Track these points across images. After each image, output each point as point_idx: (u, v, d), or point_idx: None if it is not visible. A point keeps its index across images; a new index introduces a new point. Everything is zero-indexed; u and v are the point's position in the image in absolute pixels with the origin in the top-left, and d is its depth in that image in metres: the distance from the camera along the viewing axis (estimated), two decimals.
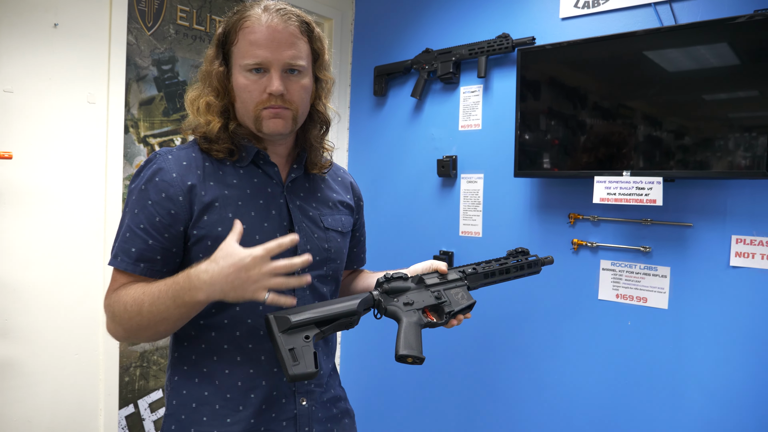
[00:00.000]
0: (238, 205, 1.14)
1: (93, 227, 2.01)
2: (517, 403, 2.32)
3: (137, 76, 2.19)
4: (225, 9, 2.47)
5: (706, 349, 1.90)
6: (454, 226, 2.52)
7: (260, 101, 1.13)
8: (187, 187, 1.11)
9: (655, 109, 1.90)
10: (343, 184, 1.38)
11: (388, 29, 2.77)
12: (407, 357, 1.11)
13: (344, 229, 1.31)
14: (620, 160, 1.95)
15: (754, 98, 1.72)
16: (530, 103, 2.15)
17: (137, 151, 2.21)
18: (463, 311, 1.24)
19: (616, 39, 1.96)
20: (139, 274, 1.10)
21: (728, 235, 1.87)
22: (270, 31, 1.11)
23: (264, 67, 1.12)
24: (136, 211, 1.11)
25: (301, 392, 1.20)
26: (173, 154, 1.15)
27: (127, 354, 2.22)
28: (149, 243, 1.09)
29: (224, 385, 1.15)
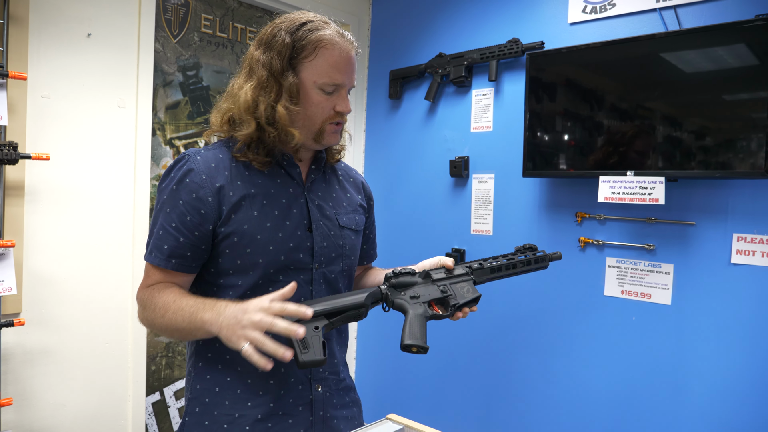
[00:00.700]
0: (263, 204, 1.22)
1: (123, 224, 2.14)
2: (527, 394, 2.39)
3: (164, 82, 2.31)
4: (246, 17, 2.58)
5: (707, 344, 1.96)
6: (466, 224, 2.60)
7: (329, 117, 1.23)
8: (216, 188, 1.19)
9: (659, 111, 1.96)
10: (355, 185, 1.46)
11: (403, 34, 2.87)
12: (412, 346, 1.18)
13: (357, 227, 1.39)
14: (624, 161, 2.01)
15: (752, 101, 1.78)
16: (538, 105, 2.22)
17: (163, 153, 2.34)
18: (468, 304, 1.29)
19: (622, 43, 2.03)
20: (171, 269, 1.18)
21: (730, 233, 1.92)
22: (348, 57, 1.23)
23: (338, 89, 1.23)
24: (168, 210, 1.18)
25: (317, 379, 1.29)
26: (202, 155, 1.22)
27: (154, 344, 2.35)
28: (180, 240, 1.17)
29: (245, 371, 1.23)
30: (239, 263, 1.20)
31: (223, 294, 1.22)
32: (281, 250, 1.22)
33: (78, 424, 2.05)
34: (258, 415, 1.22)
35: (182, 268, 1.19)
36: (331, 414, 1.32)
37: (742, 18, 1.84)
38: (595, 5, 2.20)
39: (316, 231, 1.27)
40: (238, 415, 1.22)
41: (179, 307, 1.12)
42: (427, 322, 1.23)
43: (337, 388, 1.34)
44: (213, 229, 1.19)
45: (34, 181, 1.90)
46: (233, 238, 1.19)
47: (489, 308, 2.48)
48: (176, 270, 1.19)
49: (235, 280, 1.21)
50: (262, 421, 1.22)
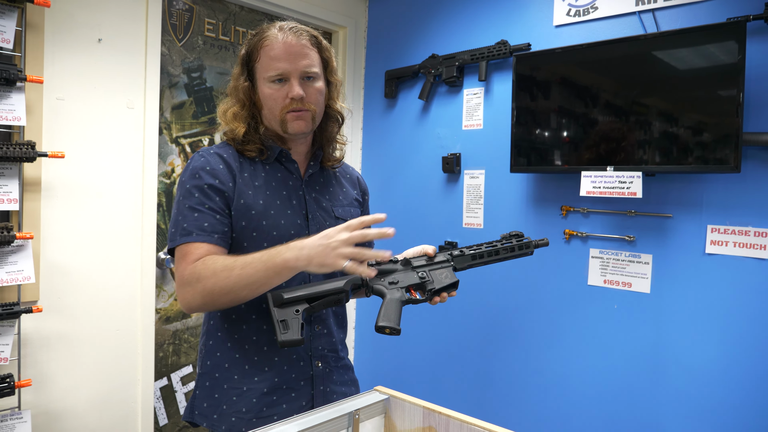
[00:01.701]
0: (267, 194, 1.35)
1: (132, 217, 2.26)
2: (516, 379, 2.51)
3: (170, 83, 2.44)
4: (248, 21, 2.71)
5: (684, 329, 2.08)
6: (458, 218, 2.72)
7: (284, 106, 1.34)
8: (231, 175, 1.33)
9: (634, 109, 2.07)
10: (351, 181, 1.58)
11: (398, 36, 2.98)
12: (385, 328, 1.25)
13: (352, 219, 1.51)
14: (604, 157, 2.13)
15: (720, 98, 1.88)
16: (524, 104, 2.34)
17: (170, 151, 2.46)
18: (446, 289, 1.33)
19: (602, 45, 2.14)
20: (214, 243, 1.27)
21: (704, 224, 2.04)
22: (286, 46, 1.32)
23: (284, 77, 1.33)
24: (197, 195, 1.29)
25: (317, 356, 1.41)
26: (214, 150, 1.36)
27: (162, 332, 2.48)
28: (217, 218, 1.28)
29: (252, 349, 1.35)
30: (246, 245, 1.31)
31: None
32: (283, 235, 1.33)
33: (91, 406, 2.18)
34: (264, 388, 1.34)
35: (223, 243, 1.29)
36: (331, 389, 1.43)
37: (715, 21, 1.96)
38: (579, 8, 2.31)
39: (313, 221, 1.40)
40: (246, 388, 1.34)
41: (245, 262, 1.19)
42: (405, 306, 1.30)
43: (336, 366, 1.45)
44: (230, 211, 1.32)
45: (50, 177, 2.02)
46: (242, 222, 1.31)
47: (481, 297, 2.60)
48: (219, 244, 1.28)
49: None
50: (267, 394, 1.34)
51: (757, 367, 1.92)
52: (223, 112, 1.40)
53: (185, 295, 1.25)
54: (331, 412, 1.15)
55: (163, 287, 2.48)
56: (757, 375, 1.92)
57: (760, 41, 1.91)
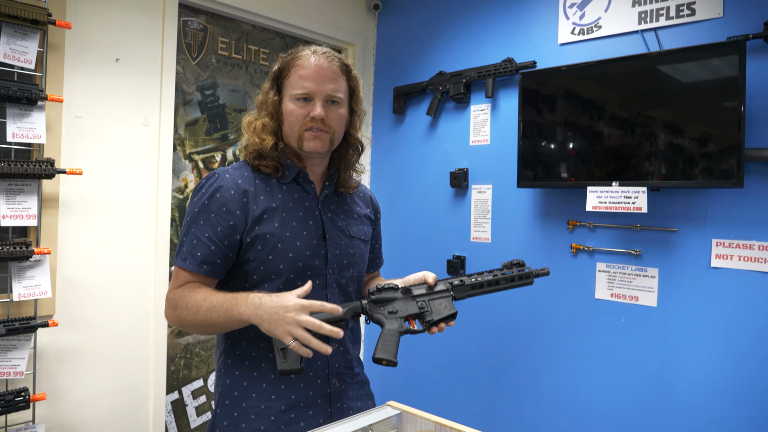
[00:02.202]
0: (283, 216, 1.37)
1: (146, 232, 2.31)
2: (525, 392, 2.53)
3: (184, 101, 2.49)
4: (260, 39, 2.77)
5: (691, 342, 2.10)
6: (466, 232, 2.76)
7: (304, 124, 1.36)
8: (243, 202, 1.34)
9: (640, 126, 2.11)
10: (364, 200, 1.60)
11: (405, 54, 3.05)
12: (382, 360, 1.28)
13: (366, 237, 1.54)
14: (610, 172, 2.16)
15: (723, 115, 1.92)
16: (530, 120, 2.38)
17: (183, 167, 2.51)
18: (444, 320, 1.35)
19: (605, 63, 2.19)
20: (203, 274, 1.31)
21: (709, 238, 2.07)
22: (317, 68, 1.37)
23: (309, 96, 1.36)
24: (201, 222, 1.31)
25: (333, 374, 1.42)
26: (230, 173, 1.36)
27: (173, 345, 2.51)
28: (212, 249, 1.30)
29: (269, 367, 1.37)
30: (263, 269, 1.34)
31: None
32: (300, 257, 1.36)
33: (104, 419, 2.20)
34: (282, 406, 1.36)
35: (212, 274, 1.33)
36: (348, 405, 1.45)
37: (715, 39, 2.01)
38: (583, 27, 2.36)
39: (330, 240, 1.42)
40: (264, 406, 1.35)
41: (212, 304, 1.24)
42: (404, 335, 1.33)
43: (352, 382, 1.47)
44: (240, 238, 1.33)
45: (67, 193, 2.07)
46: (257, 246, 1.33)
47: (490, 311, 2.63)
48: (207, 275, 1.32)
49: (259, 284, 1.34)
50: (285, 411, 1.36)
51: (764, 380, 1.94)
52: (249, 124, 1.43)
53: (167, 314, 1.35)
54: (345, 427, 1.18)
55: None
56: (764, 388, 1.94)
57: (759, 59, 1.95)
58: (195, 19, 2.52)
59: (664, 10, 2.15)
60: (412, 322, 1.36)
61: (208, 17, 2.57)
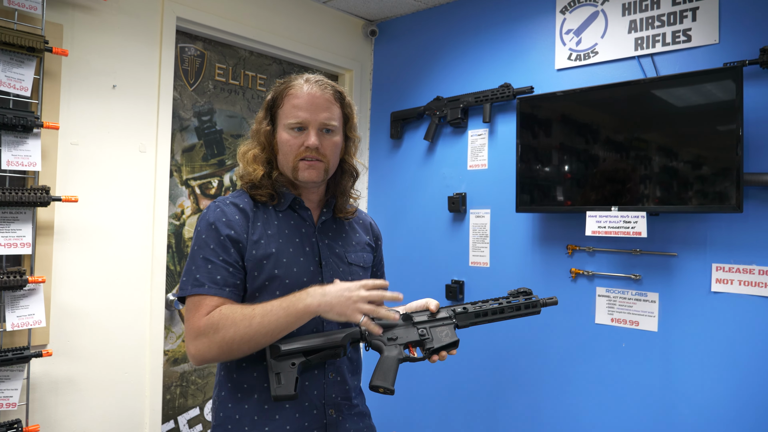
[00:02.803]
0: (279, 242, 1.36)
1: (142, 260, 2.28)
2: (526, 418, 2.49)
3: (180, 127, 2.49)
4: (257, 65, 2.78)
5: (692, 367, 2.08)
6: (464, 257, 2.74)
7: (298, 153, 1.37)
8: (245, 227, 1.35)
9: (637, 152, 2.12)
10: (363, 226, 1.59)
11: (403, 79, 3.06)
12: (379, 387, 1.26)
13: (365, 264, 1.52)
14: (609, 197, 2.16)
15: (721, 140, 1.93)
16: (529, 145, 2.39)
17: (180, 193, 2.50)
18: (445, 348, 1.32)
19: (599, 89, 2.21)
20: (226, 297, 1.27)
21: (709, 263, 2.06)
22: (310, 97, 1.37)
23: (303, 125, 1.37)
24: (213, 247, 1.30)
25: (330, 404, 1.39)
26: (230, 200, 1.38)
27: (169, 374, 2.47)
28: (230, 270, 1.29)
29: (262, 397, 1.33)
30: (257, 296, 1.32)
31: None
32: (296, 283, 1.34)
33: None
34: None
35: (235, 297, 1.30)
36: None
37: (712, 65, 2.02)
38: (580, 53, 2.38)
39: (326, 267, 1.41)
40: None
41: (265, 310, 1.22)
42: (403, 363, 1.31)
43: (349, 413, 1.43)
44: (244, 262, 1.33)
45: (62, 221, 2.05)
46: (253, 272, 1.32)
47: (489, 336, 2.60)
48: (230, 298, 1.29)
49: None
50: None
51: (767, 405, 1.92)
52: (243, 154, 1.43)
53: (199, 346, 1.24)
54: None
55: (171, 329, 2.48)
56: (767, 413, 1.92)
57: (756, 85, 1.97)
58: (192, 46, 2.53)
59: (660, 37, 2.17)
60: (412, 350, 1.34)
61: (206, 43, 2.58)
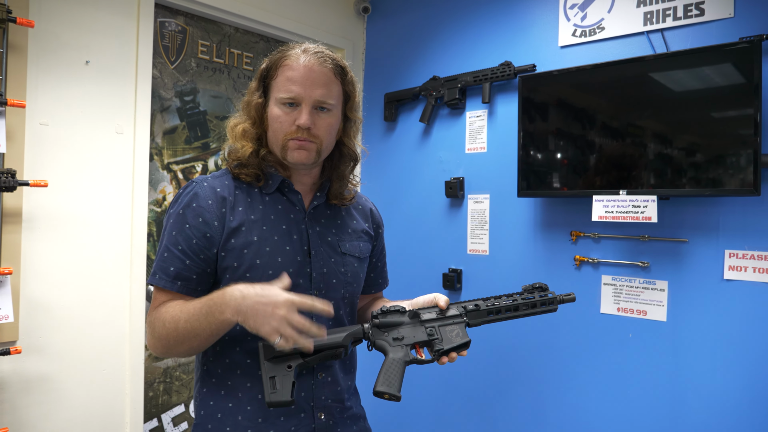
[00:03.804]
0: (263, 230, 1.24)
1: (120, 250, 2.13)
2: (528, 413, 2.39)
3: (161, 107, 2.33)
4: (243, 43, 2.62)
5: (702, 359, 1.98)
6: (462, 244, 2.62)
7: (289, 132, 1.23)
8: (221, 213, 1.22)
9: (648, 132, 2.00)
10: (363, 212, 1.46)
11: (397, 58, 2.91)
12: (384, 393, 1.14)
13: (362, 254, 1.39)
14: (617, 180, 2.05)
15: (738, 120, 1.82)
16: (531, 126, 2.26)
17: (161, 178, 2.35)
18: (455, 349, 1.22)
19: (609, 66, 2.08)
20: (176, 291, 1.18)
21: (722, 249, 1.95)
22: (306, 70, 1.22)
23: (296, 101, 1.22)
24: (174, 233, 1.20)
25: (319, 407, 1.27)
26: (208, 182, 1.25)
27: (152, 370, 2.33)
28: (186, 263, 1.18)
29: (246, 397, 1.22)
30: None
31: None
32: (280, 275, 1.22)
33: None
34: None
35: (187, 291, 1.20)
36: None
37: (726, 41, 1.90)
38: (585, 29, 2.25)
39: (315, 257, 1.28)
40: None
41: (190, 312, 1.12)
42: (410, 365, 1.19)
43: (341, 417, 1.32)
44: (217, 252, 1.21)
45: (31, 207, 1.89)
46: (233, 263, 1.21)
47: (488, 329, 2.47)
48: (181, 292, 1.19)
49: None
50: None
51: None
52: (232, 128, 1.31)
53: (149, 343, 1.21)
54: None
55: None
56: None
57: None
58: (173, 20, 2.36)
59: (671, 11, 2.05)
60: (420, 351, 1.22)
61: (187, 18, 2.41)
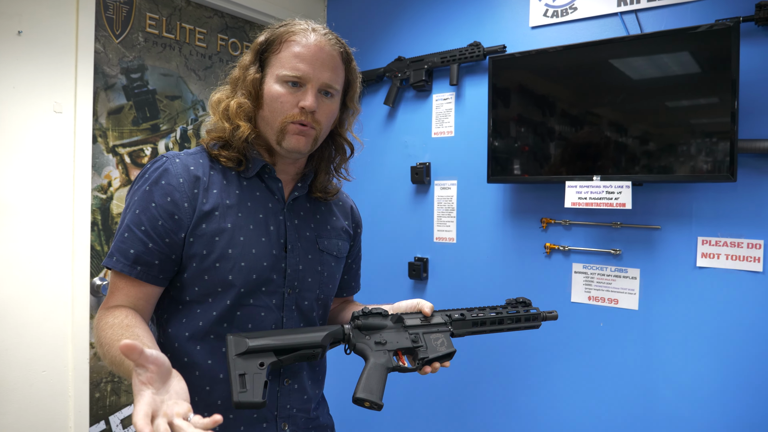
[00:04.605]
0: (238, 216, 1.12)
1: (60, 240, 1.95)
2: (495, 405, 2.33)
3: (105, 85, 2.14)
4: (195, 17, 2.43)
5: (674, 348, 1.95)
6: (429, 232, 2.53)
7: (290, 114, 1.12)
8: (193, 193, 1.09)
9: (622, 116, 1.95)
10: (343, 209, 1.36)
11: (360, 37, 2.78)
12: (365, 401, 1.05)
13: (339, 254, 1.29)
14: (590, 166, 1.99)
15: (714, 105, 1.78)
16: (501, 110, 2.18)
17: (106, 162, 2.16)
18: (440, 359, 1.17)
19: (584, 47, 2.01)
20: (135, 277, 1.07)
21: (694, 236, 1.92)
22: (317, 49, 1.11)
23: (302, 81, 1.11)
24: (138, 212, 1.07)
25: (283, 417, 1.16)
26: (181, 158, 1.13)
27: (98, 369, 2.16)
28: (149, 246, 1.06)
29: (203, 403, 1.11)
30: (207, 279, 1.09)
31: (189, 315, 1.10)
32: (254, 268, 1.11)
33: None
34: None
35: (148, 278, 1.07)
36: None
37: (702, 22, 1.85)
38: (557, 9, 2.18)
39: (292, 252, 1.17)
40: None
41: (111, 340, 0.99)
42: (390, 373, 1.11)
43: (306, 427, 1.22)
44: (185, 237, 1.09)
45: None
46: (201, 251, 1.08)
47: None
48: (140, 278, 1.07)
49: (201, 298, 1.10)
50: None
51: (752, 386, 1.81)
52: (218, 103, 1.17)
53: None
54: None
55: None
56: (752, 395, 1.81)
57: (751, 44, 1.81)
58: None
59: None
60: (402, 358, 1.14)
61: None
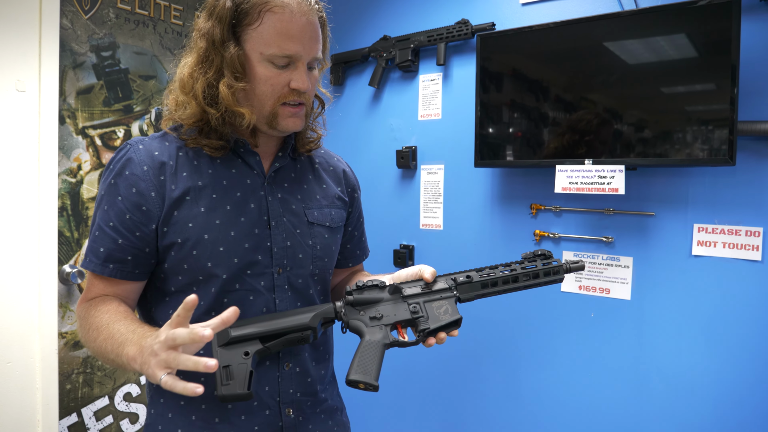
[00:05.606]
0: (212, 198, 1.04)
1: (25, 227, 1.86)
2: (486, 396, 2.27)
3: (74, 63, 2.04)
4: None
5: (667, 339, 1.88)
6: (415, 218, 2.44)
7: (282, 95, 1.03)
8: (160, 180, 1.02)
9: (616, 100, 1.85)
10: (335, 175, 1.28)
11: (344, 16, 2.67)
12: (359, 383, 0.97)
13: (333, 224, 1.20)
14: (582, 149, 1.90)
15: (711, 90, 1.69)
16: (490, 92, 2.08)
17: (75, 144, 2.06)
18: (444, 328, 1.07)
19: (576, 23, 1.91)
20: (108, 275, 1.02)
21: (690, 223, 1.84)
22: (305, 23, 1.02)
23: (293, 60, 1.03)
24: (106, 208, 1.02)
25: (287, 402, 1.10)
26: (144, 144, 1.05)
27: (69, 360, 2.08)
28: (119, 242, 1.01)
29: (201, 396, 1.05)
30: (186, 268, 1.03)
31: (175, 306, 1.04)
32: (235, 251, 1.04)
33: None
34: None
35: (122, 275, 1.02)
36: None
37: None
38: None
39: (276, 228, 1.09)
40: None
41: (110, 333, 0.96)
42: (388, 350, 1.02)
43: (313, 412, 1.15)
44: (156, 228, 1.02)
45: None
46: (176, 239, 1.02)
47: None
48: (114, 276, 1.01)
49: (186, 288, 1.04)
50: None
51: (747, 378, 1.74)
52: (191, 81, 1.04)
53: (79, 335, 1.08)
54: None
55: (70, 306, 2.07)
56: (747, 387, 1.74)
57: (752, 20, 1.72)
58: None
59: None
60: (402, 332, 1.05)
61: None
